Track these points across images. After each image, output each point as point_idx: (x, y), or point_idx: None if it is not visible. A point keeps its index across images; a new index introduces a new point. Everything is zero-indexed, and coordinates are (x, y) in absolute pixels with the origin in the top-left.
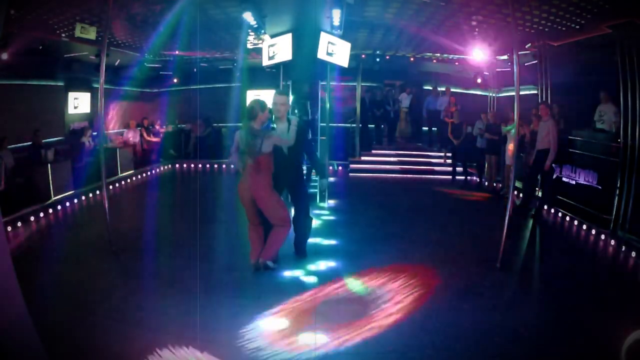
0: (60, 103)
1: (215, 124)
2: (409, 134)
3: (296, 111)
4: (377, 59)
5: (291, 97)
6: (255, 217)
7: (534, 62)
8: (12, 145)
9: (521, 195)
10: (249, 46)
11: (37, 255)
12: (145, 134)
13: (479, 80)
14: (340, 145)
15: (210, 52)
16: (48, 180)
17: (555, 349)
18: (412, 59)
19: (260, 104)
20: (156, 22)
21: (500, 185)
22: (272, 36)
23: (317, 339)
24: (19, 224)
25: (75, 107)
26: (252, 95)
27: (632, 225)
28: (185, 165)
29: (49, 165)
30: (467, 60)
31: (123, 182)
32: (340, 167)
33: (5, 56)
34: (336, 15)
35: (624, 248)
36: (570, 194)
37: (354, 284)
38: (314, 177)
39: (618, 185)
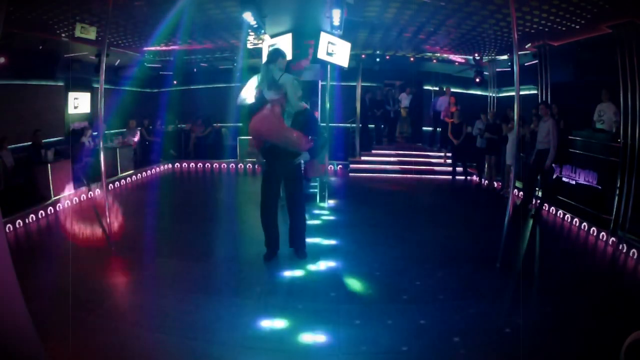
0: (60, 103)
1: (215, 124)
2: (409, 134)
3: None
4: (377, 59)
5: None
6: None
7: (534, 62)
8: (12, 145)
9: (521, 194)
10: (249, 46)
11: (37, 255)
12: (145, 134)
13: (477, 80)
14: (340, 145)
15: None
16: (48, 180)
17: (555, 349)
18: (412, 59)
19: (280, 52)
20: (156, 21)
21: (500, 185)
22: (272, 36)
23: (316, 339)
24: (19, 224)
25: (75, 107)
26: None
27: (632, 225)
28: (185, 165)
29: (49, 165)
30: (467, 60)
31: (123, 182)
32: (340, 167)
33: (2, 60)
34: (336, 15)
35: (624, 248)
36: (570, 194)
37: (354, 284)
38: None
39: (618, 185)
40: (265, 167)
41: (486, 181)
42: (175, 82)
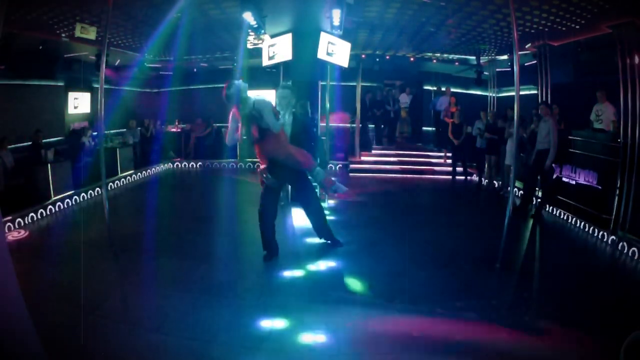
0: (60, 103)
1: (215, 124)
2: (409, 134)
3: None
4: (377, 59)
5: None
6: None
7: (534, 62)
8: (12, 145)
9: (521, 194)
10: (249, 46)
11: (37, 255)
12: (145, 134)
13: (474, 81)
14: (340, 145)
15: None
16: (48, 180)
17: (555, 348)
18: (412, 58)
19: (242, 88)
20: (156, 22)
21: (500, 185)
22: (272, 36)
23: (316, 339)
24: (19, 224)
25: (75, 107)
26: (252, 95)
27: (632, 225)
28: (185, 165)
29: (49, 165)
30: (467, 60)
31: (123, 182)
32: (340, 167)
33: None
34: (336, 15)
35: (624, 248)
36: (570, 194)
37: (354, 284)
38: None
39: (618, 185)
40: (271, 182)
41: (486, 181)
42: (174, 85)
